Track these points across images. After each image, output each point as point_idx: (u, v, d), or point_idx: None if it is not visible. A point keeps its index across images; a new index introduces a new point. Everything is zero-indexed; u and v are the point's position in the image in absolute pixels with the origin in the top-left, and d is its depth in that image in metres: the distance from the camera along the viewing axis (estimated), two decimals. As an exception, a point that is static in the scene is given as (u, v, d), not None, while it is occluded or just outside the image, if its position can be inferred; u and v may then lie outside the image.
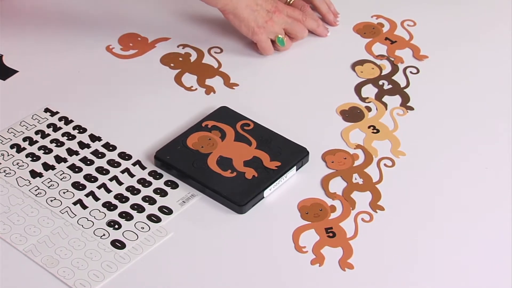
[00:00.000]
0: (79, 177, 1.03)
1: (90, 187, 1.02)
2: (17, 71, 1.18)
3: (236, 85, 1.18)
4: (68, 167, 1.04)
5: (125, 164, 1.05)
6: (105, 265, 0.94)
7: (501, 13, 1.33)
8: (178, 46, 1.24)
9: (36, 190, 1.01)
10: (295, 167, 1.05)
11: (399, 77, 1.21)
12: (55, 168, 1.04)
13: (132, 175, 1.04)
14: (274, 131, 1.08)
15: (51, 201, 1.00)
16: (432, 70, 1.22)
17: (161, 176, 1.04)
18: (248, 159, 1.05)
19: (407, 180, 1.05)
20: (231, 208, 1.00)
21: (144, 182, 1.03)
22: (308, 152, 1.06)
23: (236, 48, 1.24)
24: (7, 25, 1.25)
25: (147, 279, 0.93)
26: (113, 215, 0.99)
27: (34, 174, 1.03)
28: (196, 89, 1.17)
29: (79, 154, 1.06)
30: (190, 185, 1.03)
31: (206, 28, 1.27)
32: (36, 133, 1.09)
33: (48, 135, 1.09)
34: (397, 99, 1.17)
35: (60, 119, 1.11)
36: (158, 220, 0.99)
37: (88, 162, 1.05)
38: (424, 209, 1.02)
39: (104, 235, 0.97)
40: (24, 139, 1.08)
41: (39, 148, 1.07)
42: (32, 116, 1.11)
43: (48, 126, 1.10)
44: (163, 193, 1.02)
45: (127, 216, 0.99)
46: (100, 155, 1.06)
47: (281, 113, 1.14)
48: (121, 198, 1.01)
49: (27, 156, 1.06)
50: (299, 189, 1.03)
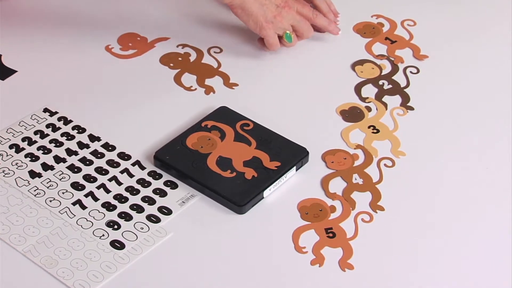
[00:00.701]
0: (78, 177, 1.03)
1: (90, 187, 1.02)
2: (16, 71, 1.18)
3: (236, 85, 1.18)
4: (67, 167, 1.04)
5: (124, 164, 1.05)
6: (105, 266, 0.94)
7: (502, 13, 1.33)
8: (177, 46, 1.24)
9: (35, 191, 1.01)
10: (295, 167, 1.05)
11: (399, 77, 1.21)
12: (54, 168, 1.04)
13: (131, 175, 1.04)
14: (274, 131, 1.08)
15: (50, 201, 1.00)
16: (432, 70, 1.22)
17: (160, 176, 1.04)
18: (247, 159, 1.04)
19: (407, 180, 1.05)
20: (231, 208, 1.00)
21: (143, 182, 1.03)
22: (308, 152, 1.06)
23: (236, 48, 1.24)
24: (6, 25, 1.25)
25: (146, 279, 0.93)
26: (113, 216, 0.99)
27: (33, 174, 1.03)
28: (195, 89, 1.17)
29: (78, 154, 1.06)
30: (190, 185, 1.03)
31: (205, 28, 1.27)
32: (35, 133, 1.08)
33: (47, 135, 1.08)
34: (397, 99, 1.17)
35: (59, 119, 1.11)
36: (157, 220, 0.99)
37: (88, 162, 1.05)
38: (424, 210, 1.02)
39: (103, 235, 0.97)
40: (23, 139, 1.07)
41: (38, 148, 1.06)
42: (31, 116, 1.11)
43: (47, 126, 1.10)
44: (162, 194, 1.02)
45: (126, 217, 0.99)
46: (99, 155, 1.06)
47: (280, 113, 1.14)
48: (121, 199, 1.01)
49: (26, 156, 1.05)
50: (299, 189, 1.03)
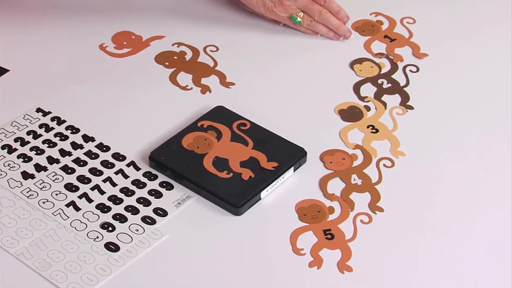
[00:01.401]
0: (72, 179, 1.03)
1: (83, 188, 1.02)
2: (8, 70, 1.18)
3: (232, 84, 1.18)
4: (60, 168, 1.04)
5: (119, 165, 1.05)
6: (99, 268, 0.93)
7: (502, 11, 1.33)
8: (173, 45, 1.24)
9: (28, 192, 1.01)
10: (292, 168, 1.04)
11: (398, 76, 1.20)
12: (47, 169, 1.04)
13: (126, 176, 1.04)
14: (271, 131, 1.08)
15: (43, 203, 1.00)
16: (432, 69, 1.22)
17: (156, 177, 1.03)
18: (244, 159, 1.04)
19: (406, 181, 1.05)
20: (228, 209, 1.00)
21: (138, 183, 1.03)
22: (306, 153, 1.06)
23: (232, 46, 1.24)
24: (-1, 23, 1.25)
25: (141, 282, 0.93)
26: (107, 217, 0.99)
27: (26, 175, 1.03)
28: (191, 88, 1.17)
29: (72, 155, 1.06)
30: (186, 186, 1.03)
31: (201, 26, 1.27)
32: (28, 133, 1.08)
33: (40, 135, 1.08)
34: (397, 98, 1.17)
35: (52, 119, 1.10)
36: (153, 222, 0.98)
37: (81, 163, 1.05)
38: (424, 210, 1.02)
39: (97, 237, 0.96)
40: (16, 140, 1.07)
41: (31, 149, 1.06)
42: (24, 116, 1.11)
43: (40, 126, 1.09)
44: (158, 195, 1.01)
45: (121, 218, 0.99)
46: (93, 156, 1.06)
47: (278, 112, 1.14)
48: (115, 200, 1.01)
49: (18, 157, 1.05)
50: (297, 190, 1.03)
